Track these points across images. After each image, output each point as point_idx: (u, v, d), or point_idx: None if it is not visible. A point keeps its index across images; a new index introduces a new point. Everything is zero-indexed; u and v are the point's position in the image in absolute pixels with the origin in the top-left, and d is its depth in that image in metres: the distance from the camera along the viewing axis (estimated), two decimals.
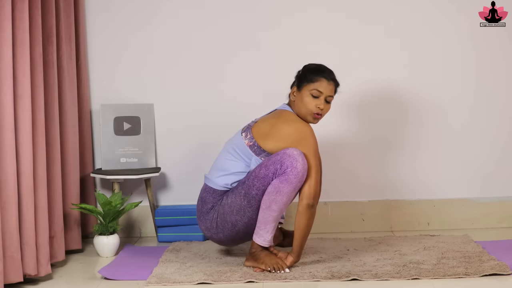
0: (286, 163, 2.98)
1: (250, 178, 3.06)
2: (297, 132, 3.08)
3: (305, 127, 3.10)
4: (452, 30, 3.88)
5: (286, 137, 3.07)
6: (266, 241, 3.08)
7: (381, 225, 3.89)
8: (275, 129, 3.10)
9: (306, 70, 3.18)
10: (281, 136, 3.08)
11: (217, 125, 3.87)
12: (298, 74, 3.21)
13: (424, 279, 2.92)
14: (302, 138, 3.07)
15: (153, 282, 2.95)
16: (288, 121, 3.11)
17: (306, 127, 3.11)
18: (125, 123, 3.82)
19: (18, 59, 2.94)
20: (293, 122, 3.11)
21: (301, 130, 3.08)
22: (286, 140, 3.07)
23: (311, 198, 3.03)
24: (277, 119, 3.13)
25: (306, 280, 2.95)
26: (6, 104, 2.84)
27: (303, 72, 3.19)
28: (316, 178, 3.04)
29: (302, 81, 3.15)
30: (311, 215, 3.05)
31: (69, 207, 3.48)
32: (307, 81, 3.13)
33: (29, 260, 2.95)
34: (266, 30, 3.87)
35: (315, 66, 3.19)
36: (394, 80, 3.88)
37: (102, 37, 3.88)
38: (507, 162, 3.91)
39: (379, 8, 3.87)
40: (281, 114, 3.16)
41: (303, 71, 3.19)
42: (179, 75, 3.89)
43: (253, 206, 3.06)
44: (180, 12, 3.87)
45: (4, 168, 2.84)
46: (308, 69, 3.19)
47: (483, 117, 3.90)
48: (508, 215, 3.90)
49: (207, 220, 3.17)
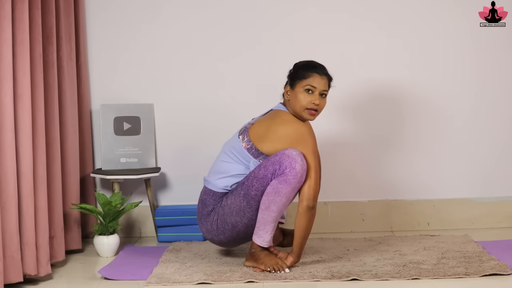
0: (285, 164, 2.98)
1: (249, 178, 3.06)
2: (294, 132, 3.06)
3: (302, 126, 3.09)
4: (452, 30, 3.88)
5: (283, 138, 3.06)
6: (266, 241, 3.08)
7: (381, 225, 3.89)
8: (272, 131, 3.08)
9: (298, 67, 3.17)
10: (278, 137, 3.07)
11: (217, 125, 3.87)
12: (290, 72, 3.20)
13: (424, 279, 2.92)
14: (300, 138, 3.05)
15: (153, 282, 2.95)
16: (284, 122, 3.10)
17: (303, 126, 3.09)
18: (125, 123, 3.82)
19: (18, 59, 2.94)
20: (289, 122, 3.10)
21: (298, 130, 3.07)
22: (283, 141, 3.06)
23: (311, 199, 3.02)
24: (273, 120, 3.12)
25: (306, 280, 2.95)
26: (6, 104, 2.84)
27: (295, 69, 3.17)
28: (316, 179, 3.03)
29: (294, 78, 3.14)
30: (311, 216, 3.05)
31: (69, 207, 3.48)
32: (299, 78, 3.12)
33: (29, 260, 2.95)
34: (266, 30, 3.87)
35: (306, 62, 3.18)
36: (394, 80, 3.88)
37: (102, 37, 3.88)
38: (507, 162, 3.91)
39: (379, 8, 3.86)
40: (276, 114, 3.15)
41: (294, 68, 3.18)
42: (179, 75, 3.89)
43: (253, 206, 3.06)
44: (180, 12, 3.87)
45: (4, 168, 2.84)
46: (299, 66, 3.17)
47: (483, 117, 3.90)
48: (508, 215, 3.90)
49: (207, 222, 3.16)
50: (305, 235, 3.07)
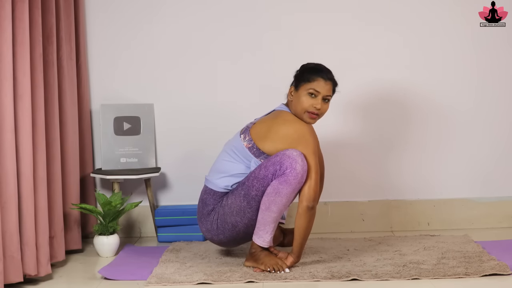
0: (285, 164, 2.98)
1: (250, 179, 3.06)
2: (295, 132, 3.07)
3: (303, 126, 3.09)
4: (452, 30, 3.88)
5: (284, 138, 3.06)
6: (266, 241, 3.08)
7: (381, 225, 3.89)
8: (273, 131, 3.09)
9: (304, 70, 3.17)
10: (279, 137, 3.07)
11: (217, 125, 3.87)
12: (296, 73, 3.20)
13: (424, 279, 2.91)
14: (301, 138, 3.05)
15: (153, 282, 2.95)
16: (285, 122, 3.10)
17: (305, 126, 3.09)
18: (125, 123, 3.82)
19: (18, 59, 2.94)
20: (290, 122, 3.10)
21: (299, 130, 3.07)
22: (284, 141, 3.06)
23: (310, 200, 3.02)
24: (274, 120, 3.12)
25: (306, 280, 2.95)
26: (6, 104, 2.84)
27: (301, 71, 3.17)
28: (316, 179, 3.03)
29: (300, 80, 3.14)
30: (311, 217, 3.05)
31: (69, 207, 3.48)
32: (304, 80, 3.12)
33: (29, 260, 2.95)
34: (266, 30, 3.87)
35: (313, 65, 3.18)
36: (394, 80, 3.88)
37: (102, 37, 3.88)
38: (507, 162, 3.91)
39: (379, 8, 3.86)
40: (278, 115, 3.15)
41: (301, 70, 3.18)
42: (179, 75, 3.89)
43: (253, 207, 3.06)
44: (180, 12, 3.87)
45: (4, 168, 2.84)
46: (306, 68, 3.17)
47: (483, 117, 3.90)
48: (508, 215, 3.90)
49: (207, 221, 3.16)
50: (305, 236, 3.07)
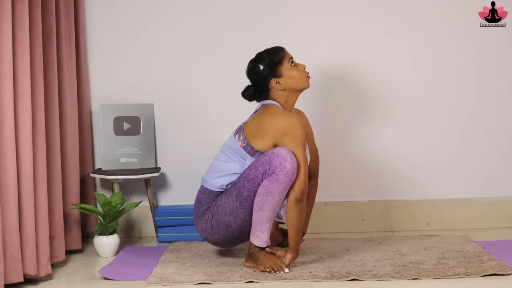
0: (274, 163, 2.99)
1: (241, 179, 3.07)
2: (282, 124, 3.08)
3: (289, 117, 3.10)
4: (452, 30, 3.87)
5: (272, 133, 3.08)
6: (263, 241, 3.08)
7: (381, 225, 3.89)
8: (262, 127, 3.11)
9: (269, 58, 3.18)
10: (267, 132, 3.09)
11: (217, 125, 3.87)
12: (265, 69, 3.17)
13: (424, 279, 2.92)
14: (288, 130, 3.06)
15: (153, 282, 2.95)
16: (271, 115, 3.12)
17: (289, 117, 3.10)
18: (125, 123, 3.82)
19: (18, 59, 2.94)
20: (276, 115, 3.11)
21: (286, 121, 3.08)
22: (272, 136, 3.08)
23: (298, 193, 3.02)
24: (262, 115, 3.15)
25: (306, 280, 2.95)
26: (6, 104, 2.84)
27: (268, 63, 3.17)
28: (305, 172, 3.03)
29: (275, 67, 3.16)
30: (300, 209, 3.05)
31: (69, 207, 3.48)
32: (279, 63, 3.16)
33: (29, 260, 2.95)
34: (267, 31, 3.86)
35: (268, 50, 3.21)
36: (395, 80, 3.88)
37: (102, 37, 3.88)
38: (507, 162, 3.91)
39: (379, 8, 3.86)
40: (265, 108, 3.18)
41: (268, 62, 3.17)
42: (179, 74, 3.89)
43: (246, 207, 3.06)
44: (180, 12, 3.87)
45: (4, 168, 2.84)
46: (268, 55, 3.18)
47: (483, 117, 3.90)
48: (508, 215, 3.90)
49: (202, 221, 3.17)
50: (298, 229, 3.06)
